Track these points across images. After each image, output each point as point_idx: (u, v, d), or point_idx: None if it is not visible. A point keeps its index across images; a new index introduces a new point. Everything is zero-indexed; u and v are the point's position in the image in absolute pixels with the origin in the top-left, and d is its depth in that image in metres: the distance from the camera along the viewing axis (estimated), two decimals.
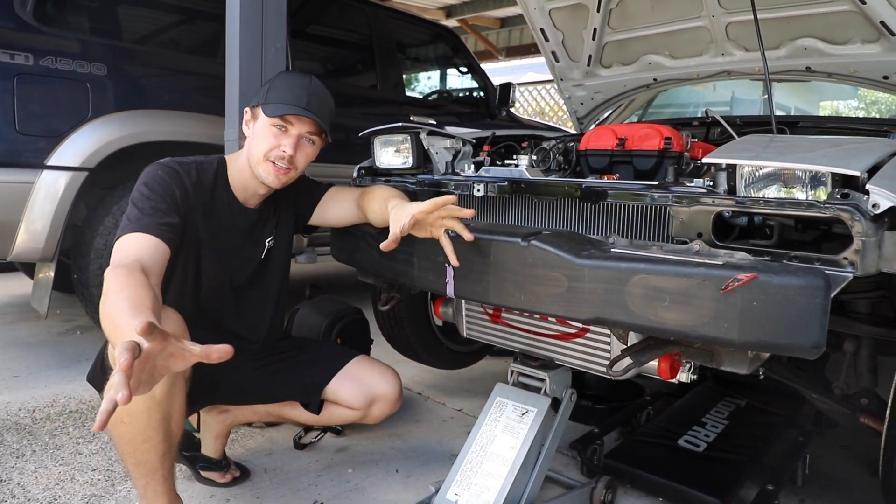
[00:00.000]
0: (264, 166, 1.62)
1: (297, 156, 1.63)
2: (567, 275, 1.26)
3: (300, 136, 1.62)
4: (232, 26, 2.32)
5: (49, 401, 2.42)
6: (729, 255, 1.17)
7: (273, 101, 1.60)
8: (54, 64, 2.56)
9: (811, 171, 1.19)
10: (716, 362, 1.33)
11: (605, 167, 1.82)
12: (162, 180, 1.53)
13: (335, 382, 1.81)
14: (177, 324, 1.42)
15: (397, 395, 1.85)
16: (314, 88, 1.63)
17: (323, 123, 1.63)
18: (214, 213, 1.66)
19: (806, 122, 2.22)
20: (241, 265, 1.76)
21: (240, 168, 1.68)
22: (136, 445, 1.38)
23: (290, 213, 1.84)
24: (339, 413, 1.84)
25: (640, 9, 2.53)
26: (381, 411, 1.84)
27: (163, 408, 1.36)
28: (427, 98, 4.86)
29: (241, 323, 1.79)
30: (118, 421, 1.37)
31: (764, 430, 2.14)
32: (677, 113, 3.38)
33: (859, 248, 1.10)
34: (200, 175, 1.63)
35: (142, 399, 1.33)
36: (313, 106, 1.61)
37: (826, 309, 1.03)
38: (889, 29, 2.02)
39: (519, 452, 1.61)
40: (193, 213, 1.59)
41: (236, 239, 1.72)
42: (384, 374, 1.86)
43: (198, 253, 1.64)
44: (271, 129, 1.60)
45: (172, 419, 1.40)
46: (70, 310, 3.73)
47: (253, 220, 1.74)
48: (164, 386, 1.34)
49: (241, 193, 1.70)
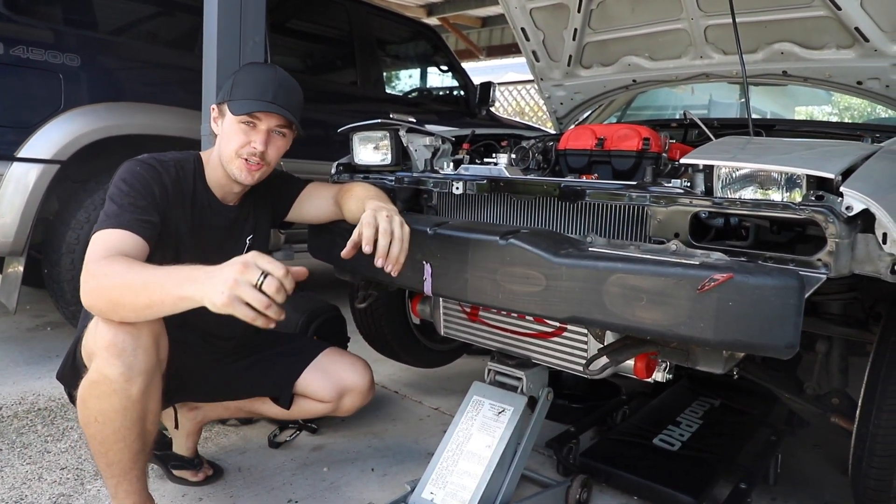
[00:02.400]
0: (236, 163, 1.58)
1: (269, 151, 1.59)
2: (545, 273, 1.26)
3: (269, 131, 1.58)
4: (210, 18, 2.29)
5: (17, 398, 2.36)
6: (705, 256, 1.18)
7: (238, 98, 1.56)
8: (26, 54, 2.50)
9: (787, 173, 1.20)
10: (691, 362, 1.34)
11: (584, 167, 1.83)
12: (141, 177, 1.50)
13: (305, 376, 1.79)
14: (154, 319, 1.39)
15: (368, 386, 1.83)
16: (280, 80, 1.59)
17: (292, 116, 1.59)
18: (195, 212, 1.63)
19: (782, 125, 2.25)
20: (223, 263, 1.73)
21: (214, 166, 1.65)
22: (108, 445, 1.35)
23: (268, 209, 1.81)
24: (309, 406, 1.82)
25: (620, 10, 2.54)
26: (353, 403, 1.82)
27: (139, 408, 1.34)
28: (407, 96, 4.84)
29: (220, 322, 1.76)
30: (91, 420, 1.34)
31: (737, 430, 2.17)
32: (656, 114, 3.41)
33: (833, 249, 1.12)
34: (179, 173, 1.59)
35: (118, 399, 1.31)
36: (280, 99, 1.57)
37: (800, 309, 1.04)
38: (863, 35, 2.06)
39: (495, 451, 1.61)
40: (173, 212, 1.56)
41: (218, 237, 1.69)
42: (354, 365, 1.84)
43: (177, 251, 1.61)
44: (240, 127, 1.56)
45: (148, 419, 1.38)
46: (40, 305, 3.65)
47: (233, 218, 1.72)
48: (142, 385, 1.32)
49: (219, 192, 1.67)
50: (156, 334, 1.36)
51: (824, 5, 2.07)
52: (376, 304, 2.30)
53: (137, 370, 1.31)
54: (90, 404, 1.33)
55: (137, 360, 1.31)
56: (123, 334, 1.29)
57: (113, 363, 1.29)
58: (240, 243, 1.75)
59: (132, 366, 1.30)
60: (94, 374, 1.32)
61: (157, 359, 1.37)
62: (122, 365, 1.29)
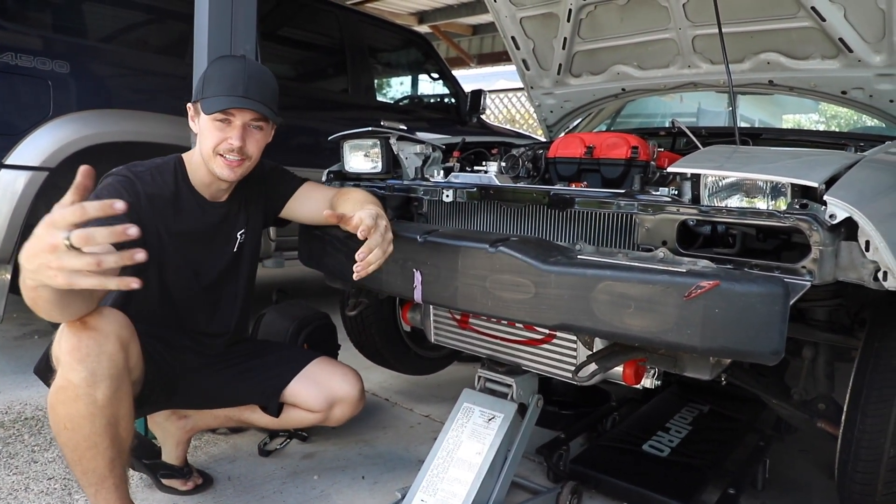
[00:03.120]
0: (216, 161, 1.58)
1: (247, 145, 1.59)
2: (534, 281, 1.27)
3: (245, 126, 1.57)
4: (200, 26, 2.29)
5: (3, 407, 2.34)
6: (692, 263, 1.19)
7: (210, 95, 1.54)
8: (14, 60, 2.49)
9: (772, 182, 1.22)
10: (679, 368, 1.35)
11: (574, 175, 1.84)
12: (112, 188, 1.50)
13: (294, 385, 1.77)
14: (123, 325, 1.38)
15: (358, 395, 1.81)
16: (250, 72, 1.57)
17: (265, 109, 1.57)
18: (180, 213, 1.63)
19: (768, 133, 2.28)
20: (214, 261, 1.73)
21: (197, 165, 1.65)
22: (81, 453, 1.34)
23: (260, 204, 1.81)
24: (298, 416, 1.81)
25: (609, 20, 2.57)
26: (343, 413, 1.80)
27: (107, 413, 1.32)
28: (398, 103, 4.86)
29: (212, 320, 1.77)
30: (61, 427, 1.33)
31: (726, 436, 2.18)
32: (645, 123, 3.44)
33: (817, 257, 1.14)
34: (156, 177, 1.59)
35: (84, 405, 1.30)
36: (252, 91, 1.55)
37: (785, 316, 1.06)
38: (847, 46, 2.09)
39: (485, 458, 1.61)
40: (150, 219, 1.56)
41: (207, 235, 1.69)
42: (345, 375, 1.82)
43: (160, 257, 1.60)
44: (214, 124, 1.55)
45: (120, 424, 1.36)
46: (27, 314, 3.60)
47: (223, 214, 1.72)
48: (107, 391, 1.31)
49: (206, 190, 1.67)
50: (124, 340, 1.36)
51: (809, 16, 2.10)
52: (366, 311, 2.30)
53: (101, 375, 1.30)
54: (58, 410, 1.32)
55: (101, 365, 1.30)
56: (87, 339, 1.29)
57: (76, 368, 1.28)
58: (231, 240, 1.75)
59: (95, 371, 1.29)
60: (59, 380, 1.31)
61: (126, 365, 1.36)
62: (84, 370, 1.28)
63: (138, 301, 1.60)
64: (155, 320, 1.63)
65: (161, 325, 1.66)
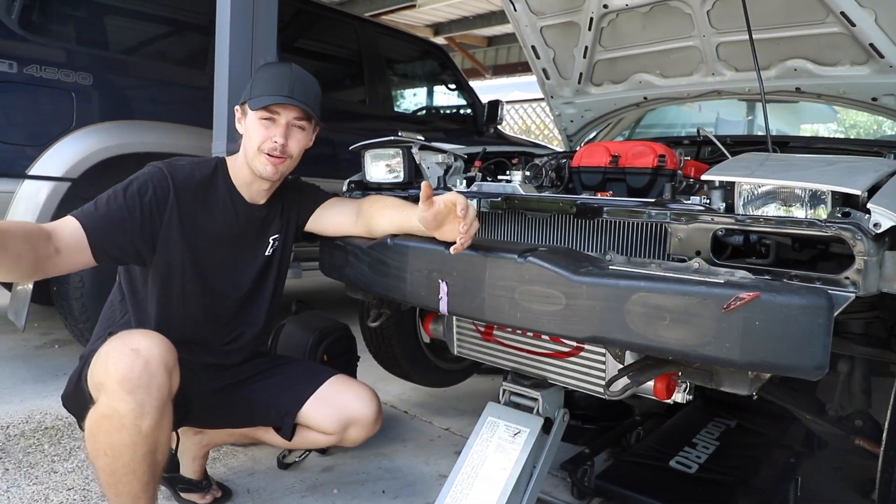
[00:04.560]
0: (259, 159, 1.61)
1: (290, 144, 1.62)
2: (564, 292, 1.23)
3: (289, 124, 1.62)
4: (222, 38, 2.30)
5: (24, 417, 2.34)
6: (729, 274, 1.15)
7: (257, 95, 1.60)
8: (39, 72, 2.52)
9: (811, 190, 1.18)
10: (715, 383, 1.31)
11: (598, 184, 1.81)
12: (142, 180, 1.55)
13: (308, 406, 1.72)
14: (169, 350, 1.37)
15: (374, 417, 1.74)
16: (296, 75, 1.63)
17: (309, 108, 1.61)
18: (214, 207, 1.65)
19: (797, 142, 2.23)
20: (246, 262, 1.73)
21: (239, 166, 1.68)
22: (118, 478, 1.33)
23: (294, 212, 1.81)
24: (312, 437, 1.75)
25: (631, 28, 2.54)
26: (358, 435, 1.73)
27: (150, 441, 1.32)
28: (415, 114, 4.85)
29: (237, 326, 1.75)
30: (100, 453, 1.32)
31: (755, 452, 2.12)
32: (664, 132, 3.40)
33: (861, 267, 1.09)
34: (195, 171, 1.64)
35: (128, 434, 1.29)
36: (296, 92, 1.60)
37: (829, 329, 1.02)
38: (878, 51, 2.04)
39: (511, 474, 1.57)
40: (180, 210, 1.58)
41: (240, 235, 1.70)
42: (360, 395, 1.75)
43: (190, 253, 1.61)
44: (260, 122, 1.60)
45: (158, 451, 1.37)
46: (48, 323, 3.64)
47: (261, 216, 1.73)
48: (153, 421, 1.31)
49: (245, 189, 1.69)
50: (169, 367, 1.35)
51: (838, 22, 2.05)
52: (387, 322, 2.27)
53: (150, 406, 1.30)
54: (99, 438, 1.31)
55: (150, 396, 1.30)
56: (139, 370, 1.28)
57: (125, 399, 1.27)
58: (264, 243, 1.75)
59: (144, 403, 1.29)
60: (104, 408, 1.30)
61: (170, 393, 1.36)
62: (133, 401, 1.28)
63: (173, 306, 1.60)
64: (181, 335, 1.62)
65: (186, 339, 1.65)
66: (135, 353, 1.29)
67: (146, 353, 1.30)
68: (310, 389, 1.75)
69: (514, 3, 2.65)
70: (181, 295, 1.63)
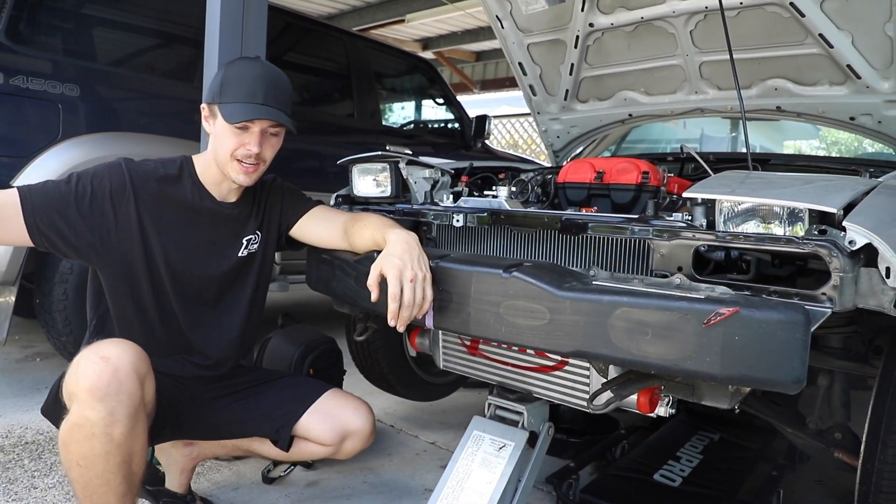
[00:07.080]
0: (232, 166, 1.58)
1: (264, 151, 1.59)
2: (549, 307, 1.25)
3: (263, 132, 1.58)
4: (210, 51, 2.31)
5: (4, 431, 2.31)
6: (710, 290, 1.17)
7: (229, 101, 1.54)
8: (25, 83, 2.51)
9: (789, 207, 1.20)
10: (697, 396, 1.33)
11: (583, 200, 1.84)
12: (100, 171, 1.56)
13: (306, 418, 1.73)
14: (140, 358, 1.37)
15: (370, 430, 1.77)
16: (267, 77, 1.57)
17: (285, 119, 1.58)
18: (176, 203, 1.62)
19: (777, 159, 2.27)
20: (216, 262, 1.69)
21: (207, 164, 1.64)
22: (92, 489, 1.31)
23: (276, 215, 1.79)
24: (309, 449, 1.76)
25: (616, 46, 2.58)
26: (354, 447, 1.76)
27: (123, 451, 1.30)
28: (403, 128, 4.88)
29: (214, 335, 1.72)
30: (73, 464, 1.30)
31: (738, 465, 2.14)
32: (649, 148, 3.44)
33: (837, 283, 1.12)
34: (159, 167, 1.62)
35: (100, 443, 1.27)
36: (270, 99, 1.55)
37: (807, 344, 1.04)
38: (855, 72, 2.09)
39: (496, 488, 1.58)
40: (134, 205, 1.55)
41: (209, 233, 1.67)
42: (357, 408, 1.78)
43: (153, 246, 1.59)
44: (233, 130, 1.55)
45: (133, 461, 1.34)
46: (30, 336, 3.60)
47: (232, 216, 1.70)
48: (125, 429, 1.29)
49: (215, 189, 1.66)
50: (141, 375, 1.34)
51: (817, 43, 2.10)
52: (373, 336, 2.28)
53: (120, 414, 1.28)
54: (72, 448, 1.30)
55: (121, 404, 1.28)
56: (107, 376, 1.27)
57: (95, 407, 1.26)
58: (237, 243, 1.72)
59: (114, 410, 1.27)
60: (75, 417, 1.28)
61: (142, 401, 1.35)
62: (104, 409, 1.26)
63: (131, 307, 1.59)
64: (159, 348, 1.61)
65: (165, 352, 1.64)
66: (104, 360, 1.28)
67: (115, 360, 1.29)
68: (307, 401, 1.76)
69: (502, 20, 2.69)
70: (140, 294, 1.60)
